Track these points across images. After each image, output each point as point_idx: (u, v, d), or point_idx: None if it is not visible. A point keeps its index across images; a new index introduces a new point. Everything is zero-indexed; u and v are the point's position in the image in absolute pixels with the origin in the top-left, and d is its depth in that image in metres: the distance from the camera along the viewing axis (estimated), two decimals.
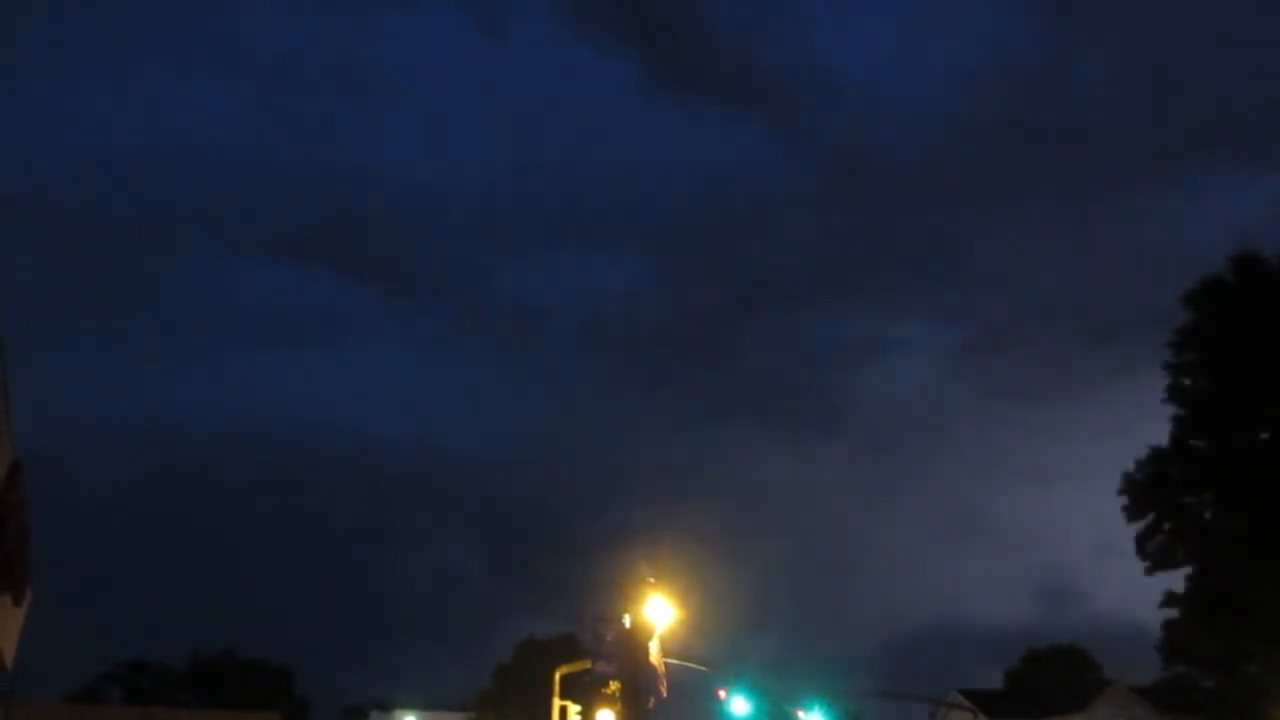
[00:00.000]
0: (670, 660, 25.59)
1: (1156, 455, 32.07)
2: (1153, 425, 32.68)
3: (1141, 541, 32.39)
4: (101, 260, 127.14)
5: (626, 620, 23.53)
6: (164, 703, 57.53)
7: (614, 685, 23.60)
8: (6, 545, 10.19)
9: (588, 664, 25.65)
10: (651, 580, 24.14)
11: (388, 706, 62.75)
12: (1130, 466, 32.43)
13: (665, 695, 24.83)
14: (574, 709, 24.26)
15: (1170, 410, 32.09)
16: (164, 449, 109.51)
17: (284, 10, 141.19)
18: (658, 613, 23.85)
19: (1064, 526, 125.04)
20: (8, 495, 9.65)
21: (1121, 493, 32.66)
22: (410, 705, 60.99)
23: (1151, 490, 31.98)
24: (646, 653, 23.46)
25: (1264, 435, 29.61)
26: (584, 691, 24.64)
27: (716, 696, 27.75)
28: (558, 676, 25.25)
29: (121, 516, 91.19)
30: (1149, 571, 32.29)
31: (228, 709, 56.10)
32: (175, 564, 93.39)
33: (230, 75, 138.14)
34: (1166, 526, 31.91)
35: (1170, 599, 32.02)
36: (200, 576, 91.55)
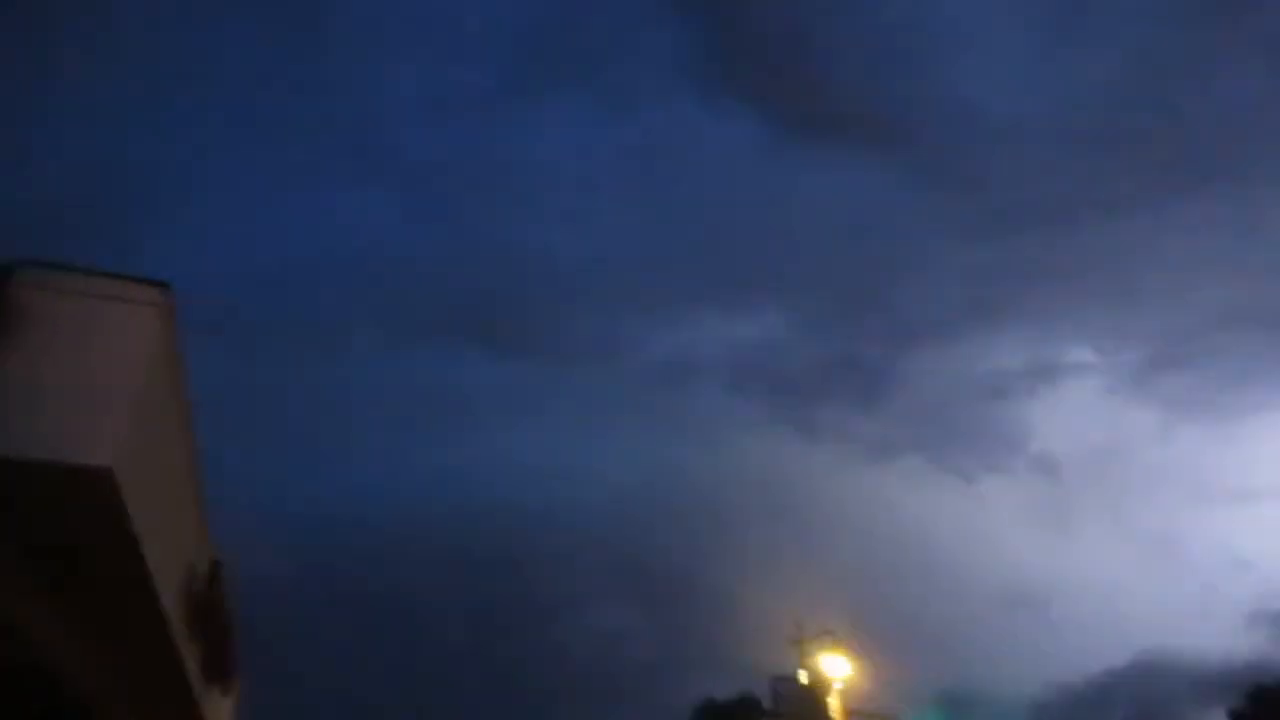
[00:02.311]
0: (854, 711, 24.83)
1: None
2: None
3: None
4: (276, 365, 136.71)
5: (803, 675, 23.12)
6: None
7: None
8: (211, 640, 10.96)
9: None
10: (827, 632, 23.65)
11: None
12: None
13: None
14: None
15: None
16: (345, 539, 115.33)
17: (422, 120, 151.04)
18: (835, 665, 23.28)
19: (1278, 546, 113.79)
20: (210, 592, 10.42)
21: None
22: None
23: None
24: (826, 707, 22.89)
25: None
26: None
27: None
28: None
29: (311, 606, 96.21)
30: None
31: None
32: (362, 648, 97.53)
33: (381, 183, 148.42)
34: None
35: None
36: (385, 657, 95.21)
